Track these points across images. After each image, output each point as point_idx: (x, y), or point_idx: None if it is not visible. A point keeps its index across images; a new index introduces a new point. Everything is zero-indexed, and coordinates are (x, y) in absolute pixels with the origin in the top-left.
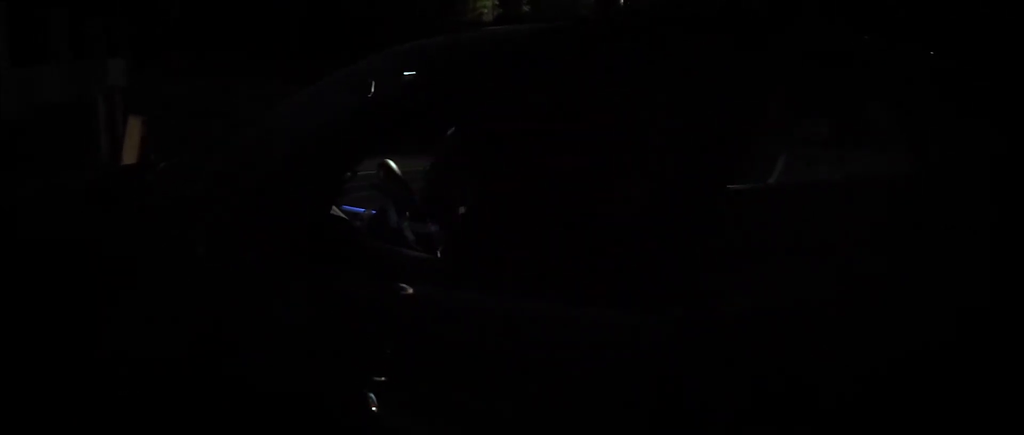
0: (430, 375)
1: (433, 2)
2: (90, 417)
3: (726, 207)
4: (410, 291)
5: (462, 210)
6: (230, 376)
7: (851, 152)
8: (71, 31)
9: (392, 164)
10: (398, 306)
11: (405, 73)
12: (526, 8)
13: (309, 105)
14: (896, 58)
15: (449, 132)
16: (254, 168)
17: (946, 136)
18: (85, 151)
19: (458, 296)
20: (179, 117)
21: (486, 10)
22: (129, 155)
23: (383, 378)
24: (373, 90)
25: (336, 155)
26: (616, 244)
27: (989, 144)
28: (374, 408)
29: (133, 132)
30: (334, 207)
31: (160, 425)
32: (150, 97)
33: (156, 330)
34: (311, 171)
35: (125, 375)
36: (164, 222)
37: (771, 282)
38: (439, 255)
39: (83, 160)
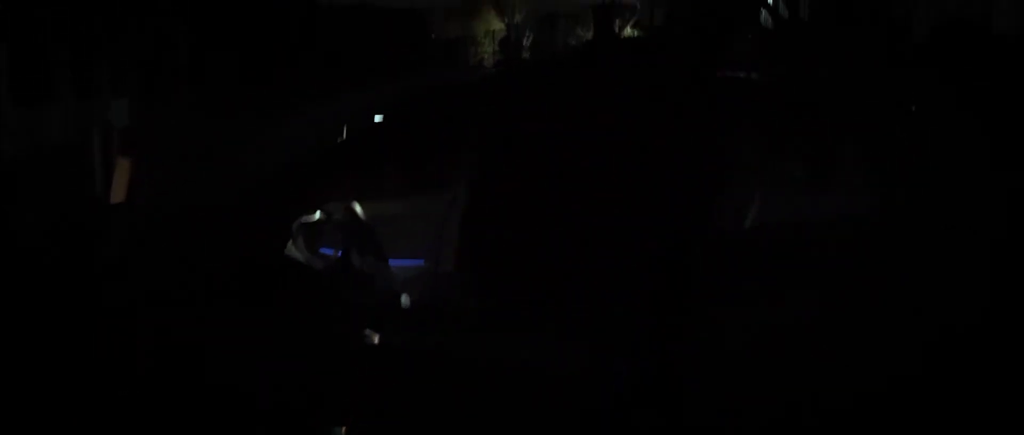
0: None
1: (439, 47)
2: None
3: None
4: (374, 338)
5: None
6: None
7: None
8: (75, 70)
9: (357, 207)
10: (358, 351)
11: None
12: (526, 54)
13: (274, 145)
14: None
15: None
16: (215, 206)
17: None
18: (80, 191)
19: (430, 341)
20: (178, 154)
21: (487, 55)
22: (117, 195)
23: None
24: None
25: (290, 197)
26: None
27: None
28: None
29: (121, 173)
30: (304, 249)
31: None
32: (155, 134)
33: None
34: (265, 212)
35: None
36: (134, 254)
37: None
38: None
39: (77, 199)
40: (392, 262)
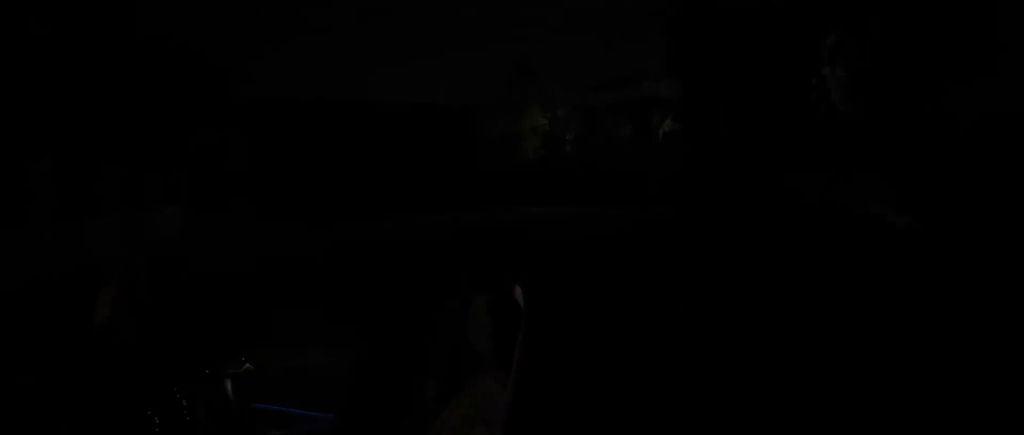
0: None
1: (493, 146)
2: None
3: None
4: None
5: None
6: None
7: None
8: (125, 180)
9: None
10: None
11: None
12: (569, 149)
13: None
14: None
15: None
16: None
17: None
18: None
19: None
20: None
21: (532, 151)
22: (100, 322)
23: None
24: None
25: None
26: None
27: None
28: None
29: (103, 305)
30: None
31: None
32: (201, 248)
33: None
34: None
35: None
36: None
37: None
38: None
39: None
40: (302, 412)
